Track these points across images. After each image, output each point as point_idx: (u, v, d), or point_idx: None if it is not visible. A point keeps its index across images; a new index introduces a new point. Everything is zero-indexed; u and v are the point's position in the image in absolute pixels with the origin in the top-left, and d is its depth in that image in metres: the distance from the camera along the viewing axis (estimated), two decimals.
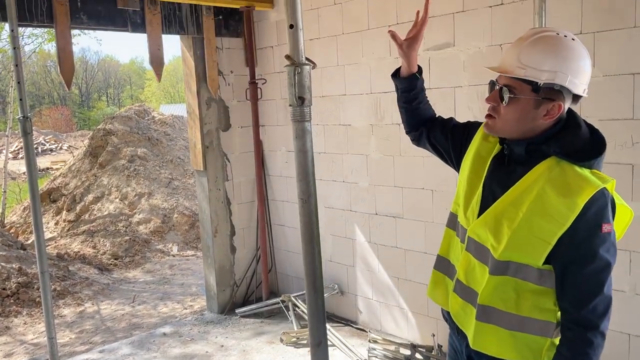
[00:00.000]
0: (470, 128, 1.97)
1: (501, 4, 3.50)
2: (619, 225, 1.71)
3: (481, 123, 1.92)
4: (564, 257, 1.58)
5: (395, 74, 2.08)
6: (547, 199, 1.58)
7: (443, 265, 1.97)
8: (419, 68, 2.04)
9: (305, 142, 1.67)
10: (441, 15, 3.81)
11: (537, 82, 1.58)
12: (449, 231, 1.97)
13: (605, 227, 1.56)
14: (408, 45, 1.95)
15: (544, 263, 1.62)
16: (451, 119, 2.10)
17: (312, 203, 1.68)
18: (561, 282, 1.61)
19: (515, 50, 1.63)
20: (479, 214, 1.74)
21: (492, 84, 1.71)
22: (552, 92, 1.59)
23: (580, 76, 1.61)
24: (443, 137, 2.04)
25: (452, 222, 1.95)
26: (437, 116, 2.14)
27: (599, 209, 1.55)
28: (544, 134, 1.65)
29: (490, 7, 3.55)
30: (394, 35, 1.96)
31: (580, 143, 1.63)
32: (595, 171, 1.62)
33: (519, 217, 1.60)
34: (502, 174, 1.73)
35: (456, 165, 2.01)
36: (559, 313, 1.66)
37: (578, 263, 1.57)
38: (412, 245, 4.27)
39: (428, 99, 2.14)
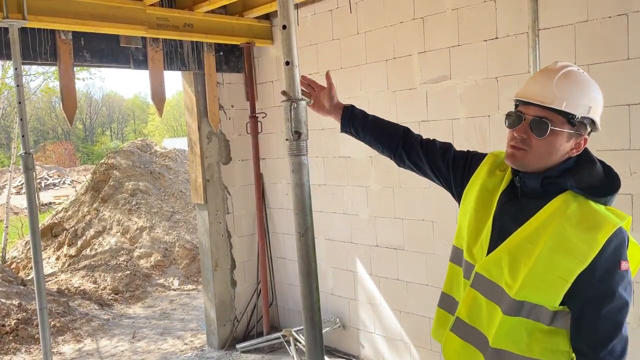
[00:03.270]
0: (473, 159, 1.90)
1: (495, 38, 3.56)
2: (632, 263, 1.63)
3: (484, 154, 1.87)
4: (582, 296, 1.51)
5: (342, 129, 2.24)
6: (565, 236, 1.51)
7: (447, 303, 1.86)
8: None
9: (302, 176, 1.68)
10: (437, 49, 3.88)
11: (574, 115, 1.55)
12: (453, 267, 1.87)
13: (623, 265, 1.51)
14: (327, 97, 2.24)
15: (560, 304, 1.54)
16: (450, 145, 2.03)
17: (310, 237, 1.68)
18: (578, 323, 1.54)
19: (548, 82, 1.56)
20: (489, 250, 1.65)
21: (517, 115, 1.61)
22: (582, 126, 1.59)
23: (601, 111, 1.63)
24: (444, 166, 1.97)
25: (457, 257, 1.86)
26: (432, 139, 2.08)
27: (617, 246, 1.50)
28: (560, 168, 1.61)
29: (485, 41, 3.61)
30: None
31: (595, 179, 1.60)
32: (611, 208, 1.59)
33: (535, 254, 1.53)
34: (514, 208, 1.65)
35: (455, 195, 1.94)
36: (572, 355, 1.58)
37: (597, 302, 1.50)
38: (414, 277, 4.23)
39: (379, 117, 2.20)
